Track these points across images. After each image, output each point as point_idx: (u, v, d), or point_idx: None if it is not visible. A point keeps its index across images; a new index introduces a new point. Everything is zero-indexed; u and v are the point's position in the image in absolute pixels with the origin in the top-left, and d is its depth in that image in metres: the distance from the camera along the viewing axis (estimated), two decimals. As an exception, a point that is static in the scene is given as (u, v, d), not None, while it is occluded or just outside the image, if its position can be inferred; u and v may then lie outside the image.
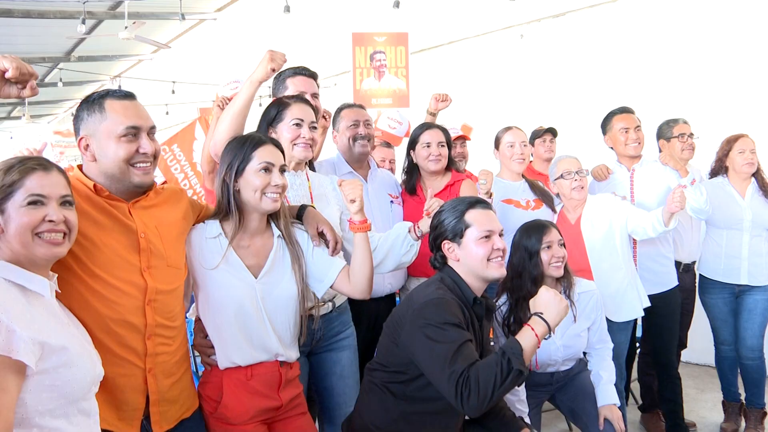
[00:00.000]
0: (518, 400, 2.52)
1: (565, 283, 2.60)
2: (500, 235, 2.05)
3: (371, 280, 2.00)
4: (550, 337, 1.88)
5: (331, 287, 2.02)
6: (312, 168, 2.47)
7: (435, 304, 1.90)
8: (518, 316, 2.54)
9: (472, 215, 2.03)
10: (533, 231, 2.57)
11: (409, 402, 1.95)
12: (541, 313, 1.83)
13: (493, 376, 1.72)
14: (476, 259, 2.00)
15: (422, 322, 1.86)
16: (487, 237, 2.01)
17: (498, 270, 2.02)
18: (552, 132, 4.00)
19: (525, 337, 1.80)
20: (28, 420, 1.33)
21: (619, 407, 2.83)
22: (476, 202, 2.07)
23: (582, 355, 2.74)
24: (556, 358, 2.64)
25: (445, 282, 2.02)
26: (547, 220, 2.72)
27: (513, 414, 2.19)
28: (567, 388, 2.71)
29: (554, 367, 2.68)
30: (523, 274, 2.55)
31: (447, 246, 2.05)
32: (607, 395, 2.58)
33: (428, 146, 2.89)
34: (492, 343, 2.54)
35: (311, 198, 2.29)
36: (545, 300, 1.85)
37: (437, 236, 2.08)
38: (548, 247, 2.53)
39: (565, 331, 2.61)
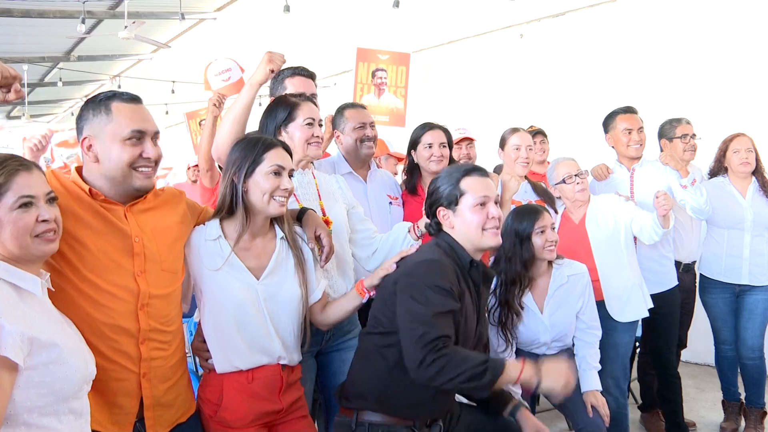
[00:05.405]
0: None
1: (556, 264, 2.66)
2: (496, 202, 2.02)
3: (337, 325, 2.13)
4: (535, 392, 1.86)
5: None
6: None
7: (428, 264, 1.88)
8: (505, 298, 2.57)
9: (467, 182, 2.00)
10: (525, 215, 2.59)
11: (402, 369, 1.90)
12: (540, 371, 1.81)
13: (464, 369, 1.73)
14: (471, 227, 1.98)
15: (410, 281, 1.85)
16: (482, 204, 1.98)
17: (493, 239, 1.99)
18: (542, 133, 4.01)
19: (512, 367, 1.79)
20: (16, 417, 1.31)
21: (622, 405, 2.85)
22: (473, 170, 2.04)
23: (570, 344, 2.75)
24: (545, 340, 2.65)
25: (441, 246, 1.99)
26: (540, 205, 2.74)
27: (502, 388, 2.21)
28: None
29: (540, 349, 2.69)
30: (513, 258, 2.57)
31: (442, 213, 2.02)
32: (590, 381, 2.63)
33: (430, 147, 2.89)
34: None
35: (319, 196, 2.29)
36: (554, 370, 1.82)
37: (432, 203, 2.05)
38: (542, 231, 2.56)
39: (554, 311, 2.63)
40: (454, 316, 1.87)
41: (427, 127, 2.96)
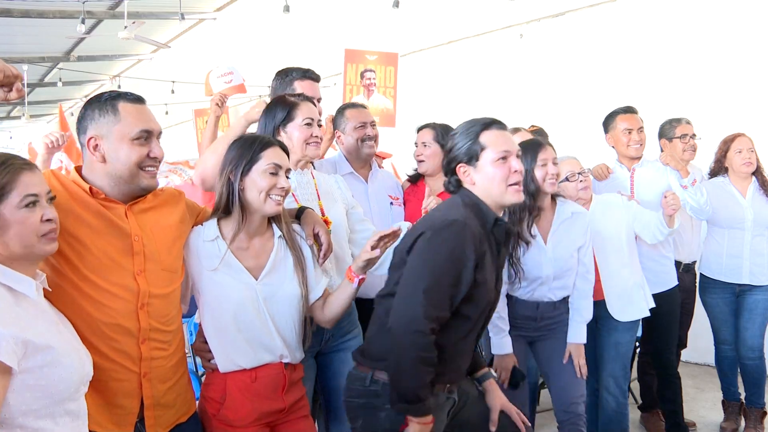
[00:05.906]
0: (498, 317, 2.57)
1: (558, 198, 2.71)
2: (517, 156, 1.96)
3: (339, 319, 2.07)
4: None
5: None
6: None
7: (452, 225, 1.81)
8: (513, 230, 2.55)
9: (487, 137, 1.93)
10: (528, 149, 2.60)
11: None
12: None
13: (410, 374, 1.75)
14: (494, 182, 1.91)
15: (432, 239, 1.80)
16: (503, 158, 1.92)
17: (515, 195, 1.93)
18: (540, 133, 4.01)
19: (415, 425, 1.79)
20: (11, 420, 1.30)
21: (622, 405, 2.88)
22: (491, 123, 1.97)
23: (571, 289, 2.73)
24: (547, 274, 2.62)
25: (467, 204, 1.92)
26: (543, 138, 2.73)
27: (478, 352, 2.20)
28: (547, 341, 2.72)
29: (541, 288, 2.65)
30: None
31: (462, 170, 1.95)
32: (577, 333, 2.67)
33: (416, 146, 2.97)
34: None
35: (318, 196, 2.29)
36: None
37: (451, 160, 1.98)
38: (543, 164, 2.58)
39: (557, 244, 2.62)
40: (469, 281, 1.83)
41: (420, 127, 3.03)
